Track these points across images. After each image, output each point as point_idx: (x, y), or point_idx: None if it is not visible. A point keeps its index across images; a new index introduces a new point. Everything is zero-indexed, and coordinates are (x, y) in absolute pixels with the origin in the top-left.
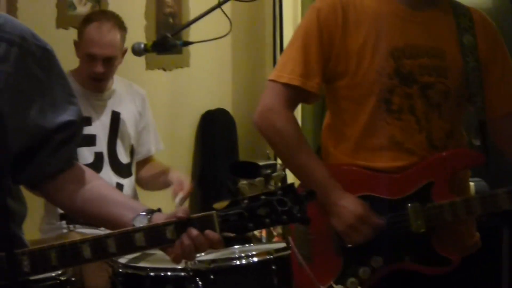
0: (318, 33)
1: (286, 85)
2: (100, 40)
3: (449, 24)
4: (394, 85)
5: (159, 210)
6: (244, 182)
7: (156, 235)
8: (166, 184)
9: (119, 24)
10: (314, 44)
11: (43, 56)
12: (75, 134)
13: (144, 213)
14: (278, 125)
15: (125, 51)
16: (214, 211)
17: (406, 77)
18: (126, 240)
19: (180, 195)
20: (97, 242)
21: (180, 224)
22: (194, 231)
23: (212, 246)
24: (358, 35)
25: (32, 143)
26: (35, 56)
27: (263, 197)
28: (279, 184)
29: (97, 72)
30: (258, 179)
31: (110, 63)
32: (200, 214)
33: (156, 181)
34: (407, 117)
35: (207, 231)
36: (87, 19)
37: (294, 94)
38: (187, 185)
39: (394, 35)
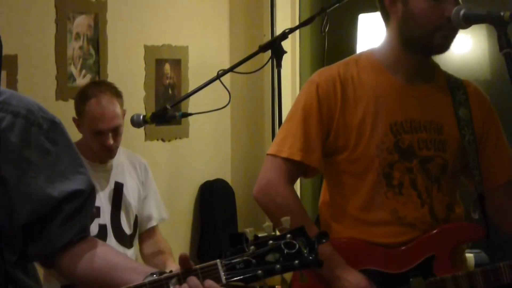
0: (317, 107)
1: (286, 160)
2: (103, 114)
3: (444, 98)
4: (394, 159)
5: (171, 272)
6: (251, 228)
7: None
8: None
9: (116, 93)
10: (313, 119)
11: (50, 128)
12: (85, 204)
13: (154, 274)
14: (279, 201)
15: (124, 113)
16: (218, 260)
17: (406, 152)
18: None
19: None
20: None
21: (184, 276)
22: (194, 280)
23: None
24: (357, 110)
25: (42, 214)
26: (41, 127)
27: (271, 241)
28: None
29: (109, 145)
30: (265, 224)
31: (117, 132)
32: (203, 264)
33: (153, 260)
34: (409, 192)
35: (209, 281)
36: (84, 96)
37: (294, 169)
38: None
39: (393, 109)
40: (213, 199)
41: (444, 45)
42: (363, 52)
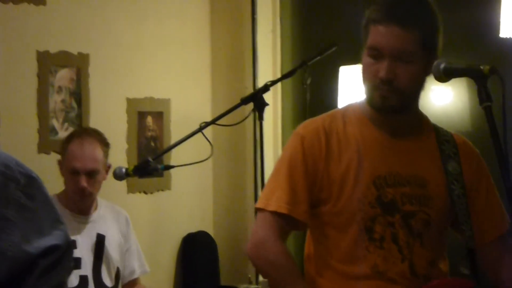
0: (303, 160)
1: (274, 213)
2: (82, 154)
3: (432, 152)
4: (376, 213)
5: None
6: None
7: None
8: None
9: (101, 140)
10: (299, 172)
11: (28, 183)
12: (61, 259)
13: None
14: (271, 258)
15: (109, 167)
16: None
17: (388, 206)
18: None
19: None
20: None
21: None
22: None
23: None
24: (340, 162)
25: (17, 270)
26: (19, 183)
27: None
28: None
29: (81, 186)
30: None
31: (93, 177)
32: None
33: None
34: (390, 246)
35: None
36: (69, 137)
37: (283, 222)
38: None
39: (376, 163)
40: (196, 252)
41: (383, 105)
42: (351, 104)
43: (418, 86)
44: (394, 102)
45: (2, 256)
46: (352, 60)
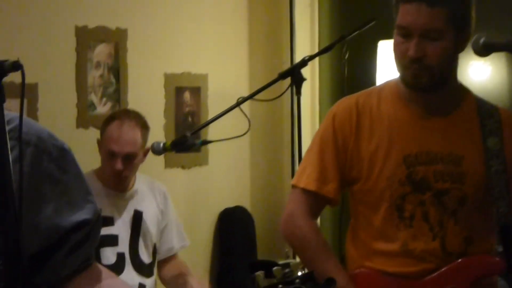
0: (333, 138)
1: (304, 190)
2: (120, 137)
3: (471, 127)
4: (406, 191)
5: None
6: (260, 272)
7: None
8: None
9: (141, 123)
10: (329, 149)
11: (60, 155)
12: (91, 233)
13: None
14: (298, 233)
15: (147, 151)
16: None
17: (419, 184)
18: None
19: None
20: None
21: None
22: None
23: None
24: (371, 140)
25: (48, 243)
26: (51, 155)
27: (280, 286)
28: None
29: (117, 169)
30: (275, 268)
31: (130, 160)
32: None
33: (176, 283)
34: (420, 224)
35: None
36: (110, 118)
37: (312, 199)
38: None
39: (407, 141)
40: (233, 227)
41: (415, 83)
42: (389, 81)
43: (449, 63)
44: (426, 80)
45: (35, 229)
46: (391, 34)
